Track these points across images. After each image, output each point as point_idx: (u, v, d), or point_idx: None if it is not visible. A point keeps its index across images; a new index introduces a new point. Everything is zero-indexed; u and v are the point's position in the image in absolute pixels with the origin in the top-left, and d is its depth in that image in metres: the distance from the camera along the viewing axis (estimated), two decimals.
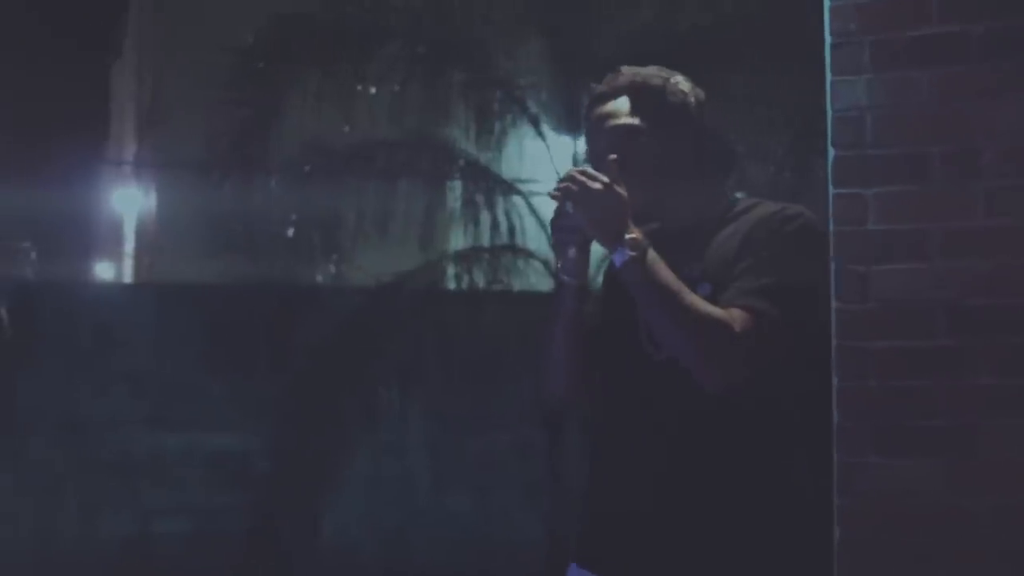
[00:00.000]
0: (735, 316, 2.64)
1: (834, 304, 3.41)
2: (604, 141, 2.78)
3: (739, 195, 2.92)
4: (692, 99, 2.85)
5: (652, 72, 2.87)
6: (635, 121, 2.80)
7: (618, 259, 2.66)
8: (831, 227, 3.44)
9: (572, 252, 2.76)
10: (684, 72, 2.94)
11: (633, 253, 2.64)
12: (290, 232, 9.73)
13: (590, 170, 2.70)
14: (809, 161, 8.24)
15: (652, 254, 2.66)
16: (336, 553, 9.54)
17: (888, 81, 3.38)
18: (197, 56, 10.85)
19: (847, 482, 3.34)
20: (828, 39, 3.48)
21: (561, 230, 2.75)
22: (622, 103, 2.82)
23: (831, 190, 3.46)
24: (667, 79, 2.86)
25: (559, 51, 9.50)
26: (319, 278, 10.01)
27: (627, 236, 2.65)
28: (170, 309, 10.25)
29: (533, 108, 9.67)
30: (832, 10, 3.46)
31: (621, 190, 2.68)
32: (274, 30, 9.61)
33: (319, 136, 9.68)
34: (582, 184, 2.67)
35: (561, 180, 2.73)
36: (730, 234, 2.77)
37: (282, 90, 9.56)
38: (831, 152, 3.46)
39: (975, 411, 3.24)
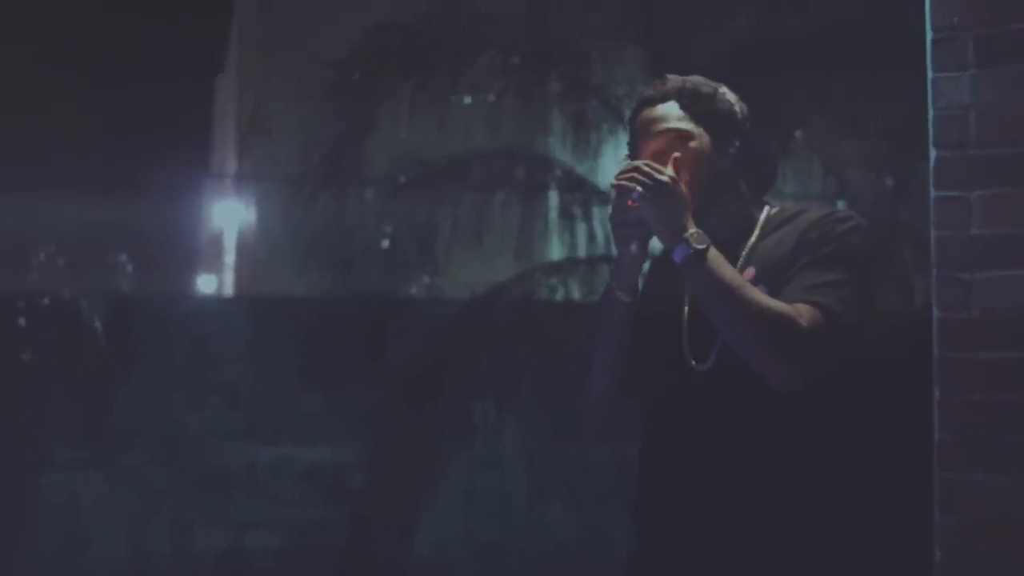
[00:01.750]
0: (802, 311, 2.59)
1: (936, 313, 3.25)
2: (655, 144, 2.75)
3: (776, 205, 2.86)
4: (738, 110, 2.83)
5: (700, 80, 2.85)
6: (686, 126, 2.77)
7: (680, 253, 2.61)
8: (932, 232, 3.28)
9: (634, 247, 2.70)
10: (785, 78, 2.92)
11: (699, 247, 2.60)
12: (385, 244, 9.69)
13: (655, 164, 2.65)
14: (910, 164, 8.05)
15: (714, 250, 2.62)
16: (431, 567, 9.47)
17: (993, 77, 3.22)
18: (296, 69, 10.83)
19: (950, 501, 3.17)
20: (929, 34, 3.32)
21: (624, 224, 2.69)
22: (672, 108, 2.79)
23: (932, 193, 3.31)
24: (716, 88, 2.84)
25: (655, 59, 9.38)
26: (414, 290, 9.94)
27: (690, 230, 2.61)
28: (267, 322, 10.25)
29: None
30: (933, 4, 3.30)
31: (683, 186, 2.66)
32: (369, 42, 9.59)
33: (414, 147, 9.64)
34: (648, 175, 2.63)
35: (622, 172, 2.68)
36: (780, 238, 2.73)
37: (377, 102, 9.54)
38: (933, 153, 3.31)
39: None
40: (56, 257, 11.14)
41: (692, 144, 2.74)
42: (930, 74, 3.33)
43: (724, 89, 2.84)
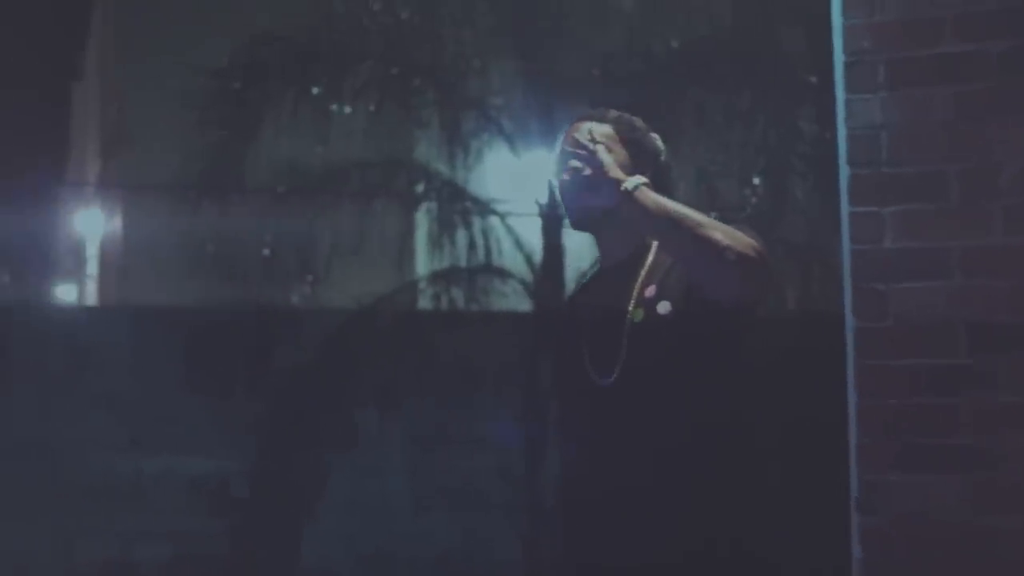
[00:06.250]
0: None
1: (851, 322, 3.41)
2: (585, 141, 2.89)
3: None
4: (662, 151, 3.01)
5: (638, 120, 3.03)
6: (613, 143, 2.94)
7: (619, 197, 2.76)
8: (846, 246, 3.44)
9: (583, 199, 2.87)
10: (665, 91, 3.12)
11: (644, 180, 2.78)
12: (265, 253, 9.69)
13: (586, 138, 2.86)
14: (808, 180, 8.29)
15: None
16: None
17: (904, 99, 3.38)
18: (166, 76, 10.77)
19: (868, 501, 3.33)
20: (841, 58, 3.47)
21: (572, 186, 2.86)
22: (607, 128, 2.97)
23: (846, 208, 3.46)
24: (649, 129, 3.02)
25: (531, 71, 9.52)
26: (295, 299, 9.96)
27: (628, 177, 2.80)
28: (137, 331, 10.17)
29: (507, 128, 9.67)
30: (846, 29, 3.46)
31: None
32: (248, 51, 9.58)
33: (294, 157, 9.65)
34: (581, 144, 2.83)
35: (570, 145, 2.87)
36: (671, 264, 2.86)
37: (256, 111, 9.52)
38: (845, 170, 3.46)
39: (997, 429, 3.23)
40: None
41: (616, 153, 2.90)
42: (842, 96, 3.48)
43: (656, 135, 3.02)
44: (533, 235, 9.42)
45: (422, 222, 9.94)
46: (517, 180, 9.67)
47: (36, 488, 9.51)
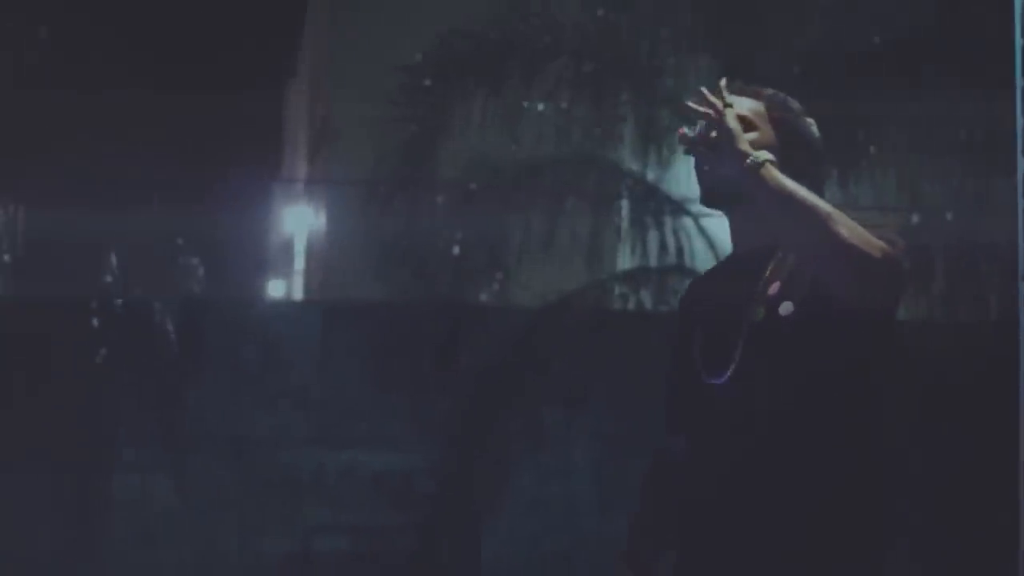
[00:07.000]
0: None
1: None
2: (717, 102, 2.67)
3: None
4: (816, 139, 2.82)
5: (795, 102, 2.84)
6: (758, 120, 2.76)
7: (752, 160, 2.56)
8: (1021, 242, 3.22)
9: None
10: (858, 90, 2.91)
11: (771, 157, 2.57)
12: (456, 250, 9.67)
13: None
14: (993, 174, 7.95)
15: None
16: None
17: None
18: (368, 74, 10.84)
19: None
20: (1019, 41, 3.25)
21: (698, 152, 2.66)
22: (758, 105, 2.79)
23: (1022, 204, 3.24)
24: (804, 112, 2.83)
25: (726, 68, 9.32)
26: (483, 296, 9.92)
27: (751, 152, 2.58)
28: (336, 326, 10.25)
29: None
30: None
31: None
32: (442, 47, 9.58)
33: (486, 153, 9.62)
34: (716, 106, 2.60)
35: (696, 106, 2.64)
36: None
37: (449, 107, 9.52)
38: (1021, 162, 3.24)
39: None
40: (127, 261, 11.19)
41: (761, 137, 2.71)
42: (1019, 82, 3.27)
43: (813, 120, 2.82)
44: (725, 236, 9.22)
45: (613, 221, 9.81)
46: None
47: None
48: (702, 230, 9.34)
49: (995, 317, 8.12)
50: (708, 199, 2.78)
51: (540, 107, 9.59)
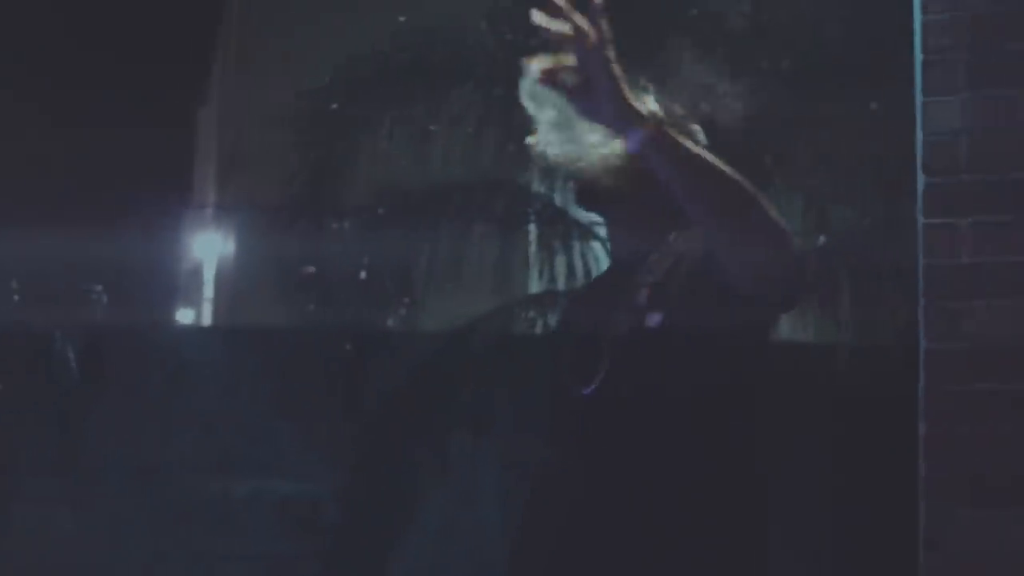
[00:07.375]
0: None
1: (923, 344, 3.15)
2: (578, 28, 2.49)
3: None
4: (700, 143, 2.63)
5: (676, 104, 2.76)
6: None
7: (633, 134, 2.31)
8: (920, 260, 3.18)
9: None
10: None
11: (662, 118, 2.40)
12: (362, 275, 9.58)
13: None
14: (893, 191, 7.95)
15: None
16: None
17: (987, 100, 3.12)
18: (275, 99, 10.74)
19: (935, 537, 3.07)
20: (919, 57, 3.22)
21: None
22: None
23: (920, 220, 3.21)
24: (691, 118, 2.76)
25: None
26: (391, 322, 9.83)
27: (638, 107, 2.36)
28: (242, 352, 10.14)
29: None
30: (924, 26, 3.21)
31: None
32: (348, 71, 9.51)
33: (393, 178, 9.54)
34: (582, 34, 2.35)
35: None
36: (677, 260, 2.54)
37: (355, 132, 9.45)
38: (921, 179, 3.21)
39: None
40: (30, 289, 11.05)
41: None
42: (919, 98, 3.24)
43: (699, 128, 2.72)
44: None
45: (521, 245, 9.75)
46: None
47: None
48: (611, 253, 9.29)
49: (895, 339, 8.13)
50: (583, 198, 2.64)
51: (447, 131, 9.52)
